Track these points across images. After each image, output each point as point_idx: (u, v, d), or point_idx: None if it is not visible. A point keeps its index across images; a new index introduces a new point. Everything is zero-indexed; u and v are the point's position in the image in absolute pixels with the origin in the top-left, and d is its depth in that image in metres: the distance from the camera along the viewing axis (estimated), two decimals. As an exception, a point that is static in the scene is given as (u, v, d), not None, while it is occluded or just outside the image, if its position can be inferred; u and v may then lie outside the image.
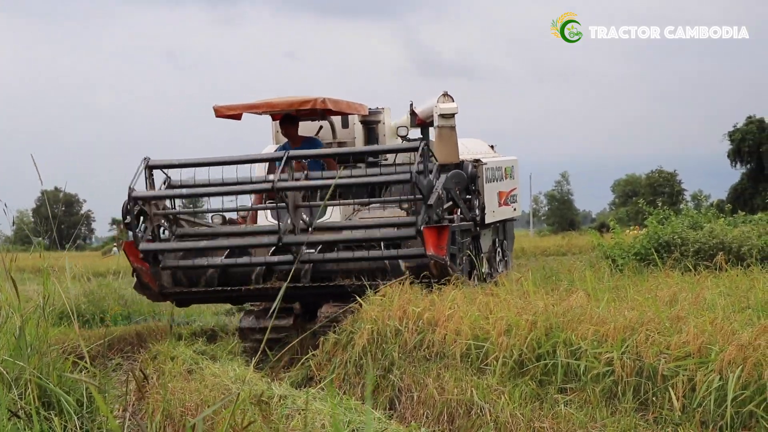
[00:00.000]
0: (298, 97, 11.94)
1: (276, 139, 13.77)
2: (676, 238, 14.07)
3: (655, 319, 6.41)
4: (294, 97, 12.06)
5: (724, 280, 9.04)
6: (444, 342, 7.26)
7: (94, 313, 13.25)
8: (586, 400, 6.06)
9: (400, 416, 7.05)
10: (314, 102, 11.54)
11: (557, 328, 6.71)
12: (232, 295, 10.36)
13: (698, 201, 49.88)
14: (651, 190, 77.72)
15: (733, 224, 16.41)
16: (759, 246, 13.24)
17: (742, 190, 67.39)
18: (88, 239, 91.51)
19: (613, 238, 15.83)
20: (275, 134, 13.78)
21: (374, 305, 8.31)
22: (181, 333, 11.89)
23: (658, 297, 7.67)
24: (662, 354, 5.87)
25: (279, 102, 12.04)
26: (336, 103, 11.94)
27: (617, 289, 8.69)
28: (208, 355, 9.40)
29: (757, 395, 5.22)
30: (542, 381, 6.51)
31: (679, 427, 5.41)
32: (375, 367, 7.73)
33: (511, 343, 6.73)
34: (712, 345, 5.71)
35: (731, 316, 6.60)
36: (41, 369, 5.53)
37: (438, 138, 11.86)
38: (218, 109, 11.91)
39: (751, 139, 66.70)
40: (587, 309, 6.97)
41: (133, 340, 12.30)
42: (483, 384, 6.54)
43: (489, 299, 7.79)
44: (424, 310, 7.76)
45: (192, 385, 7.24)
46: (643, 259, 13.90)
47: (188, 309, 15.33)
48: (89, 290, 14.09)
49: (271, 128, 13.87)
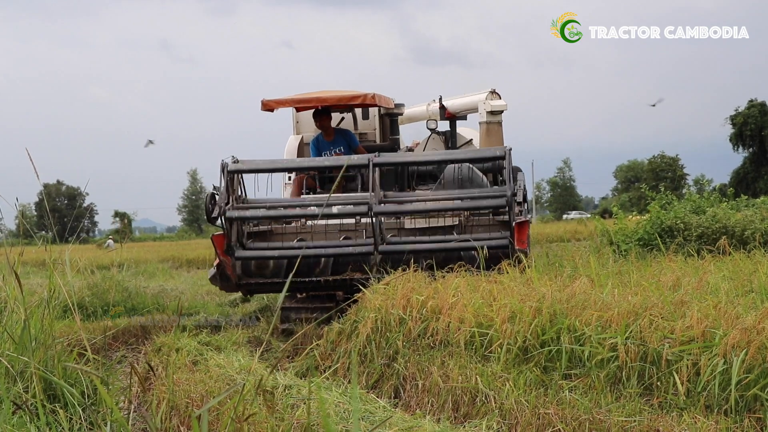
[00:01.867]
0: (348, 92, 12.65)
1: (296, 130, 14.17)
2: (679, 223, 14.06)
3: (658, 304, 6.41)
4: (344, 91, 12.75)
5: (728, 264, 9.04)
6: (448, 330, 7.27)
7: (98, 306, 13.25)
8: (590, 385, 6.06)
9: (405, 404, 7.06)
10: (364, 97, 12.40)
11: (561, 314, 6.71)
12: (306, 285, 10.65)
13: (701, 185, 49.89)
14: (653, 176, 77.78)
15: (735, 208, 16.40)
16: (762, 230, 13.22)
17: (745, 174, 67.44)
18: (92, 232, 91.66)
19: (616, 224, 15.82)
20: (295, 125, 14.17)
21: (378, 294, 8.32)
22: (186, 324, 11.90)
23: (661, 282, 7.66)
24: (666, 339, 5.87)
25: (329, 96, 12.69)
26: (381, 99, 12.64)
27: (621, 274, 8.68)
28: (212, 346, 9.38)
29: (762, 378, 5.22)
30: (546, 367, 6.51)
31: (683, 411, 5.41)
32: (379, 356, 7.74)
33: (515, 330, 6.74)
34: (716, 329, 5.71)
35: (735, 300, 6.60)
36: (46, 362, 5.54)
37: (486, 133, 12.66)
38: (267, 102, 12.50)
39: (753, 122, 66.69)
40: (591, 295, 6.97)
41: (138, 332, 12.27)
42: (487, 371, 6.54)
43: (492, 286, 7.79)
44: (427, 299, 7.77)
45: (197, 376, 7.25)
46: (647, 244, 13.89)
47: (192, 302, 15.40)
48: (93, 283, 14.07)
49: (292, 119, 14.21)
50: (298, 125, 14.13)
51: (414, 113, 15.69)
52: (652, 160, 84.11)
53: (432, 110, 14.69)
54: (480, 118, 12.84)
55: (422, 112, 15.27)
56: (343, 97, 12.54)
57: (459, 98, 13.89)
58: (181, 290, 17.41)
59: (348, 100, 12.52)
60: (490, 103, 12.63)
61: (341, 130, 13.11)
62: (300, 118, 14.06)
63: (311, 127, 13.38)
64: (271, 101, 12.43)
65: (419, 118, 15.66)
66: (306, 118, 13.69)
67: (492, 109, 12.61)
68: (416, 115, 15.76)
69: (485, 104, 12.64)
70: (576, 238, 30.15)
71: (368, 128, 14.15)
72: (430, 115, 14.46)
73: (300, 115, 13.99)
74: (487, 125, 12.64)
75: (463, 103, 13.73)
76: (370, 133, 14.10)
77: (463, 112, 14.07)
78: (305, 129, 13.86)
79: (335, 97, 12.55)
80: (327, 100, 12.53)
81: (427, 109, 15.03)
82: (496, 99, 12.77)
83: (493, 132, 12.57)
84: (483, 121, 12.75)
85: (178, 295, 16.19)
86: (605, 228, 16.04)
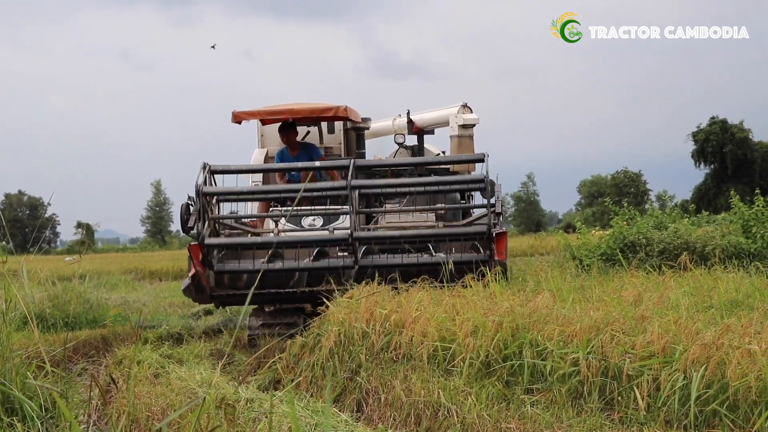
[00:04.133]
0: (320, 104, 12.55)
1: (261, 143, 14.02)
2: (641, 239, 14.17)
3: (620, 319, 6.45)
4: (315, 103, 12.64)
5: (688, 280, 9.11)
6: (411, 344, 7.26)
7: (59, 318, 13.12)
8: (552, 400, 6.08)
9: (368, 418, 7.05)
10: (336, 110, 12.32)
11: (523, 328, 6.73)
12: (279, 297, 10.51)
13: (663, 201, 50.35)
14: (616, 191, 78.25)
15: (697, 224, 16.56)
16: (722, 246, 13.35)
17: (706, 191, 68.08)
18: (54, 243, 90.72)
19: (579, 239, 15.90)
20: (260, 138, 14.04)
21: (341, 307, 8.30)
22: (148, 337, 11.81)
23: (623, 297, 7.71)
24: (627, 354, 5.91)
25: (301, 108, 12.59)
26: (352, 112, 12.52)
27: (583, 289, 8.72)
28: (174, 358, 9.33)
29: (721, 394, 5.27)
30: (509, 382, 6.53)
31: (644, 426, 5.45)
32: (342, 370, 7.72)
33: (477, 344, 6.74)
34: (676, 344, 5.75)
35: (695, 315, 6.65)
36: (4, 375, 5.47)
37: (457, 146, 12.62)
38: (238, 114, 12.34)
39: (714, 139, 67.39)
40: (553, 310, 7.00)
41: (99, 344, 12.18)
42: (450, 385, 6.54)
43: (455, 300, 7.80)
44: (391, 312, 7.76)
45: (158, 389, 7.19)
46: (609, 259, 13.98)
47: (155, 313, 15.31)
48: (54, 294, 13.94)
49: (257, 132, 14.08)
50: (263, 138, 13.98)
51: (379, 128, 15.56)
52: (615, 176, 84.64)
53: (398, 125, 14.62)
54: (451, 131, 12.82)
55: (388, 127, 15.17)
56: (315, 109, 12.43)
57: (428, 112, 13.86)
58: (143, 302, 17.28)
59: (320, 113, 12.41)
60: (462, 116, 12.63)
61: (306, 144, 13.05)
62: (265, 131, 13.91)
63: (276, 141, 13.28)
64: (243, 113, 12.31)
65: (384, 133, 15.55)
66: (271, 132, 13.58)
67: (464, 122, 12.62)
68: (381, 130, 15.64)
69: (457, 117, 12.64)
70: (539, 252, 30.27)
71: (334, 142, 14.06)
72: (396, 130, 14.39)
73: (265, 129, 13.84)
74: (458, 138, 12.62)
75: (433, 117, 13.70)
76: (335, 148, 14.01)
77: (431, 126, 14.03)
78: (270, 142, 13.70)
79: (307, 109, 12.45)
80: (299, 112, 12.43)
81: (393, 123, 14.94)
82: (468, 113, 12.77)
83: (464, 145, 12.57)
84: (454, 134, 12.73)
85: (140, 307, 16.09)
86: (568, 243, 16.13)
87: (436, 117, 13.57)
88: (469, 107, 12.84)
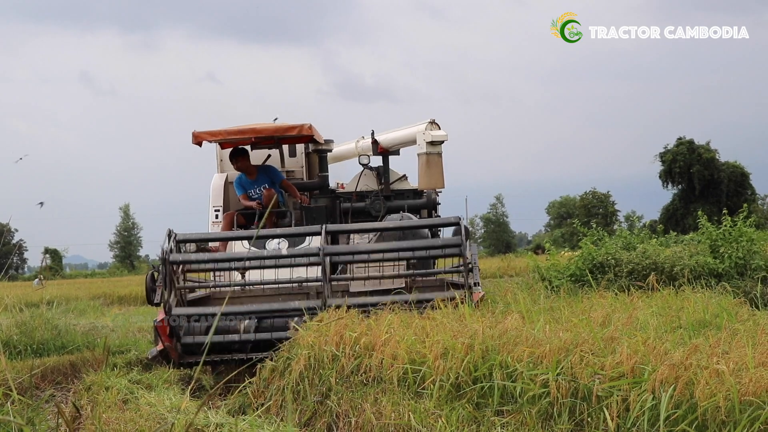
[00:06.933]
0: (283, 124, 12.34)
1: (220, 168, 13.76)
2: (610, 259, 14.22)
3: (589, 340, 6.47)
4: (279, 123, 12.47)
5: (657, 300, 9.16)
6: (381, 366, 7.25)
7: (26, 344, 13.00)
8: (522, 422, 6.09)
9: (338, 442, 7.02)
10: (300, 128, 12.02)
11: (493, 350, 6.74)
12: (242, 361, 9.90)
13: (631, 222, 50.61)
14: (585, 212, 78.76)
15: (665, 245, 16.65)
16: (690, 266, 13.43)
17: (674, 211, 68.74)
18: (21, 269, 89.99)
19: (548, 260, 15.94)
20: (219, 163, 13.77)
21: (311, 331, 8.28)
22: (116, 362, 11.72)
23: (592, 318, 7.74)
24: (596, 375, 5.93)
25: (265, 128, 12.32)
26: (316, 132, 12.26)
27: (552, 310, 8.75)
28: (143, 384, 9.25)
29: (689, 414, 5.29)
30: (479, 404, 6.53)
31: (614, 447, 5.46)
32: (312, 393, 7.69)
33: (447, 366, 6.75)
34: (645, 365, 5.77)
35: (663, 335, 6.69)
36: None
37: (425, 165, 12.29)
38: (198, 134, 11.93)
39: (681, 160, 68.14)
40: (523, 331, 7.01)
41: (67, 371, 12.07)
42: (420, 408, 6.54)
43: (425, 323, 7.80)
44: (360, 335, 7.75)
45: (127, 415, 7.14)
46: (578, 280, 14.02)
47: (123, 339, 15.19)
48: (21, 321, 13.80)
49: (216, 157, 13.84)
50: (222, 163, 13.69)
51: (342, 151, 15.25)
52: (583, 197, 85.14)
53: (362, 147, 14.37)
54: (419, 149, 12.43)
55: (350, 150, 14.93)
56: (279, 128, 12.22)
57: (394, 131, 13.57)
58: (111, 327, 17.14)
59: (284, 132, 12.16)
60: (430, 133, 12.26)
61: (264, 167, 12.80)
62: (224, 155, 13.54)
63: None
64: (203, 133, 11.94)
65: (347, 157, 15.29)
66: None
67: (432, 139, 12.23)
68: (344, 154, 15.35)
69: (425, 134, 12.27)
70: (509, 274, 30.36)
71: (295, 165, 13.87)
72: (360, 152, 14.17)
73: (224, 153, 13.49)
74: (427, 156, 12.24)
75: (399, 136, 13.37)
76: (297, 171, 13.81)
77: (398, 146, 13.70)
78: (229, 167, 13.28)
79: (271, 129, 12.25)
80: (262, 131, 12.17)
81: (356, 146, 14.68)
82: (437, 129, 12.44)
83: (433, 163, 12.24)
84: (422, 152, 12.33)
85: (109, 333, 15.96)
86: (537, 264, 16.18)
87: (403, 135, 13.22)
88: (437, 124, 12.51)
